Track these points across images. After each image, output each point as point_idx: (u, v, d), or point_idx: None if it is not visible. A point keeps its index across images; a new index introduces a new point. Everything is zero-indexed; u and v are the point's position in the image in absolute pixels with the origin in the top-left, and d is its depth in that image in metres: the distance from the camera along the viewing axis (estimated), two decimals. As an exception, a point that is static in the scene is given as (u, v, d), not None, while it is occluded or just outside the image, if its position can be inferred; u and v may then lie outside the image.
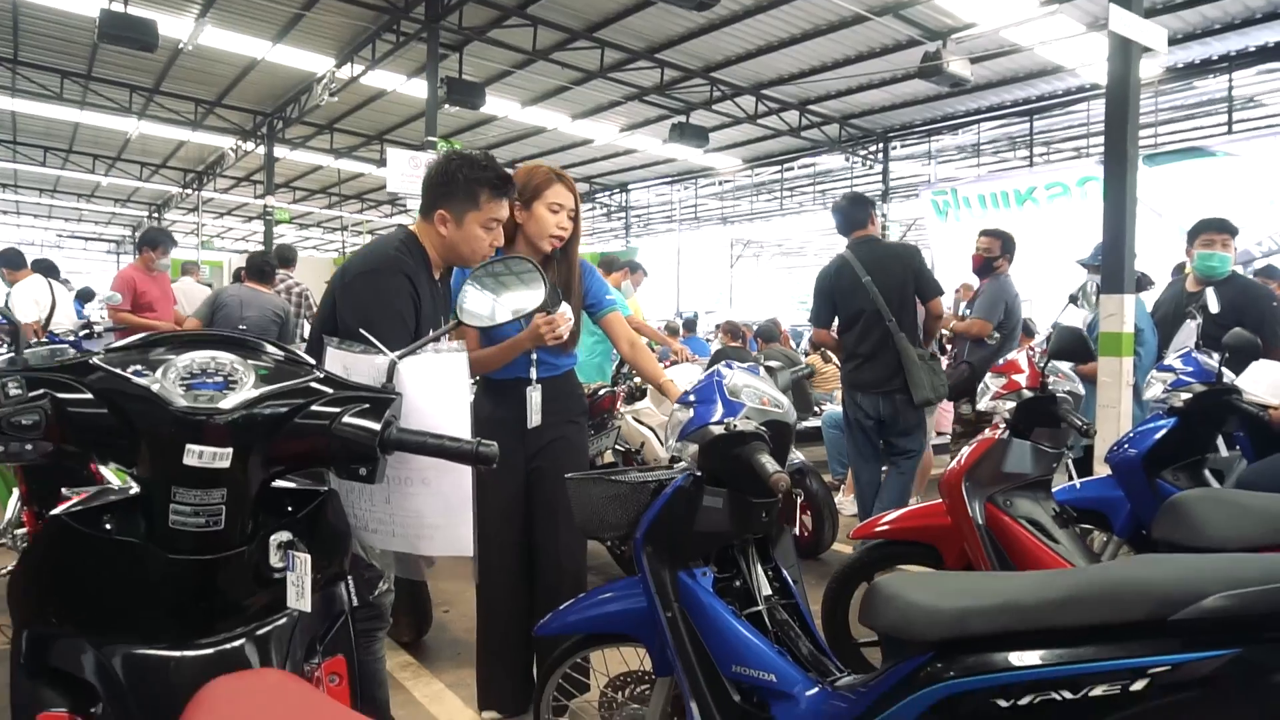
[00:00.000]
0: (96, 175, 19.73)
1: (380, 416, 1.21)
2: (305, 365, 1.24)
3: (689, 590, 1.82)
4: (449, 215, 2.11)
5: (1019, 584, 1.30)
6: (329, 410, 1.19)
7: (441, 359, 1.32)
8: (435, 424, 1.30)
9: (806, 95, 12.76)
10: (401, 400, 1.29)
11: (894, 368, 4.02)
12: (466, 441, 1.23)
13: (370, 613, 2.17)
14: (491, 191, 2.11)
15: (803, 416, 7.71)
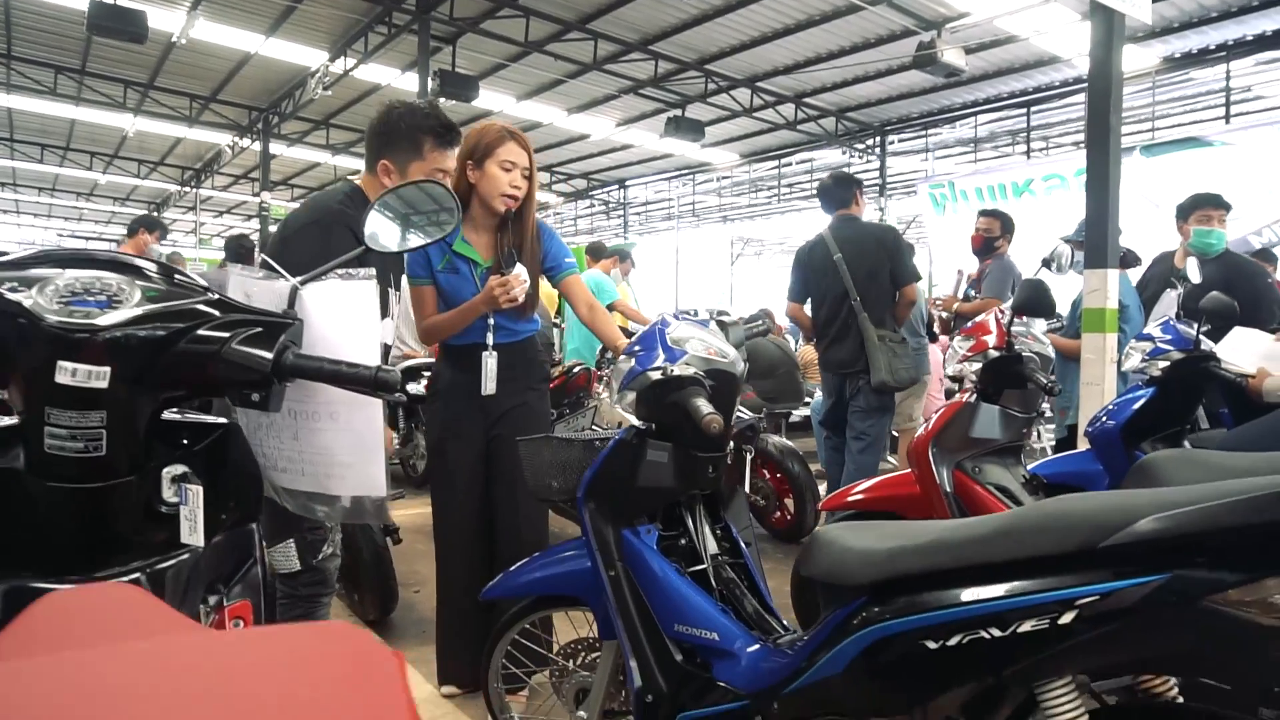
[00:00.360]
0: (94, 173, 19.71)
1: (274, 341, 1.15)
2: (198, 288, 1.18)
3: (632, 548, 1.76)
4: (392, 165, 2.06)
5: (953, 525, 1.23)
6: (219, 335, 1.14)
7: (348, 285, 1.26)
8: (341, 354, 1.23)
9: (802, 88, 12.69)
10: (302, 327, 1.23)
11: (858, 349, 3.99)
12: (365, 367, 1.17)
13: (314, 577, 2.12)
14: (435, 140, 2.06)
15: (793, 406, 7.67)
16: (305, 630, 0.63)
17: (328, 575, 2.17)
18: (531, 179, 2.47)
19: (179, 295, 1.16)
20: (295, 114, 14.29)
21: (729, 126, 14.64)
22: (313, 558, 2.09)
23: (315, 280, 1.25)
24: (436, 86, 10.86)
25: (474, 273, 2.47)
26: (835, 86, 12.46)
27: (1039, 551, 1.08)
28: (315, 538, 2.09)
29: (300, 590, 2.11)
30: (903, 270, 4.10)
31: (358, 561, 3.10)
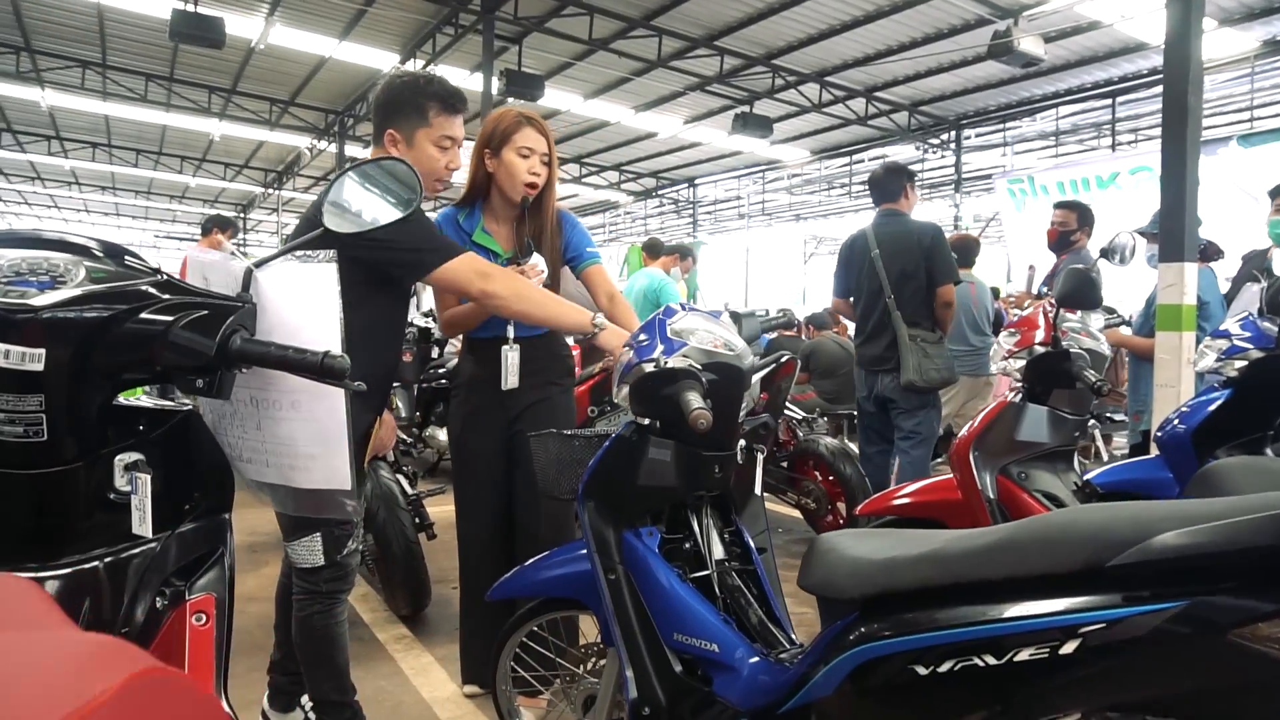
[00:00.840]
0: (185, 176, 20.58)
1: (220, 325, 1.10)
2: (146, 270, 1.14)
3: (633, 551, 1.67)
4: (398, 135, 2.02)
5: (955, 536, 1.10)
6: (163, 318, 1.09)
7: (306, 268, 1.21)
8: (300, 339, 1.18)
9: (873, 81, 12.36)
10: (254, 310, 1.18)
11: (891, 347, 3.92)
12: (312, 353, 1.10)
13: (336, 573, 2.07)
14: (440, 106, 2.01)
15: (850, 407, 7.45)
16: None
17: (349, 571, 2.12)
18: (551, 165, 2.39)
19: (125, 277, 1.12)
20: (369, 116, 14.58)
21: (798, 123, 14.39)
22: (337, 553, 2.05)
23: (271, 262, 1.20)
24: (503, 86, 10.94)
25: (495, 263, 2.41)
26: (908, 79, 12.10)
27: (1040, 569, 0.95)
28: (341, 533, 2.05)
29: (321, 586, 2.07)
30: (938, 269, 3.95)
31: (388, 556, 3.08)
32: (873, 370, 4.05)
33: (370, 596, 3.50)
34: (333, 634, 2.10)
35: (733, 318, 1.88)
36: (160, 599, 1.20)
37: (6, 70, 12.97)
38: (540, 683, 2.08)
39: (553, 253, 2.42)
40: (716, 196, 22.07)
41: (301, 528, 2.02)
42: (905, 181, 4.12)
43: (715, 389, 1.56)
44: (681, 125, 15.12)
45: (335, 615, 2.11)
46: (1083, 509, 1.00)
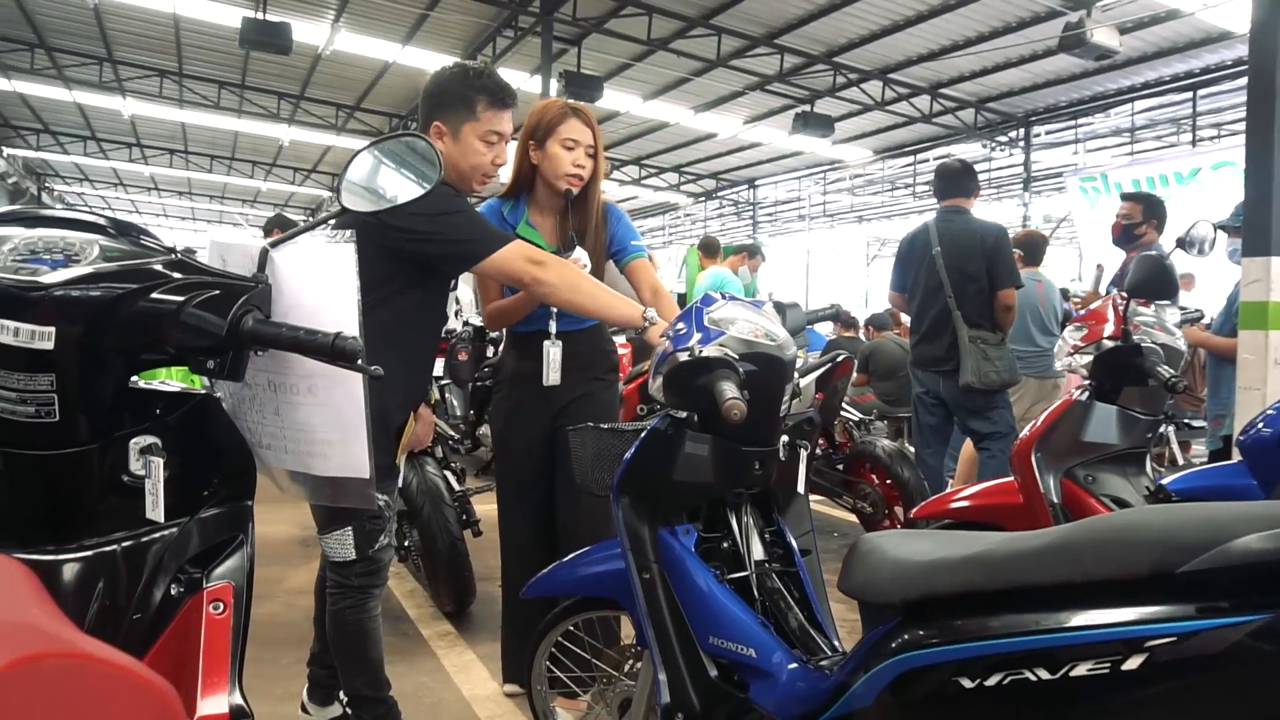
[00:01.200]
0: (257, 181, 21.19)
1: (232, 305, 1.08)
2: (160, 250, 1.11)
3: (669, 550, 1.60)
4: (445, 128, 1.99)
5: (1006, 538, 1.01)
6: (174, 298, 1.06)
7: (322, 248, 1.17)
8: (316, 320, 1.14)
9: (938, 78, 12.06)
10: (268, 291, 1.15)
11: (950, 347, 3.82)
12: (323, 334, 1.07)
13: (368, 567, 2.05)
14: (489, 100, 1.97)
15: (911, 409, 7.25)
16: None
17: (382, 566, 2.10)
18: (597, 158, 2.34)
19: (139, 256, 1.10)
20: (432, 120, 14.81)
21: (860, 121, 14.14)
22: (369, 548, 2.03)
23: (288, 242, 1.17)
24: (562, 88, 10.98)
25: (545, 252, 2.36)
26: (974, 75, 11.77)
27: (1099, 574, 0.85)
28: (373, 527, 2.03)
29: (353, 580, 2.05)
30: (1000, 272, 3.84)
31: (433, 553, 3.07)
32: (932, 370, 3.97)
33: (417, 592, 3.49)
34: (365, 629, 2.08)
35: (776, 308, 1.81)
36: (176, 586, 1.18)
37: (91, 80, 13.53)
38: (576, 684, 2.03)
39: (597, 246, 2.37)
40: (777, 198, 21.83)
41: (334, 520, 2.00)
42: (971, 181, 4.06)
43: (754, 380, 1.49)
44: (741, 125, 14.99)
45: (367, 610, 2.08)
46: (1149, 509, 0.90)
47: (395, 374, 2.01)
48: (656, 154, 17.96)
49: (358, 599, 2.07)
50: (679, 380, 1.45)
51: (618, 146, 17.28)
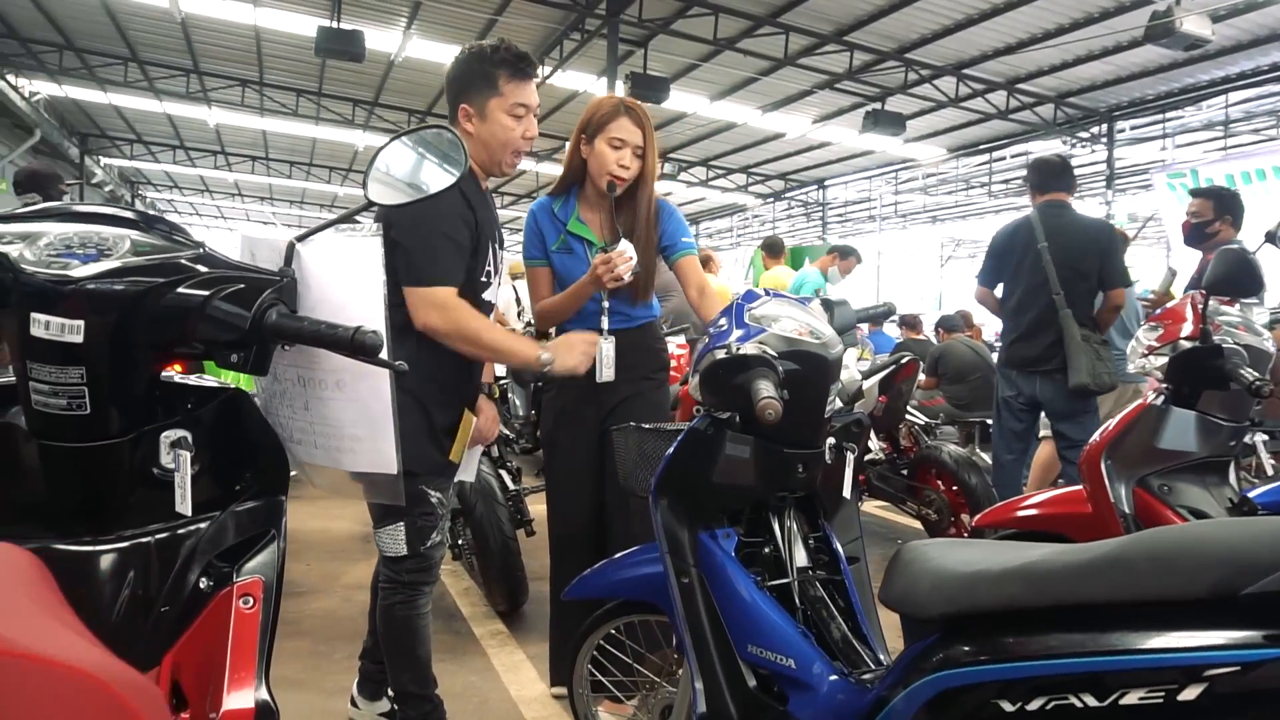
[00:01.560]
0: (334, 186, 21.79)
1: (255, 299, 1.08)
2: (189, 244, 1.12)
3: (708, 554, 1.55)
4: (471, 109, 1.98)
5: (1055, 551, 0.93)
6: (201, 292, 1.07)
7: (347, 241, 1.16)
8: (343, 315, 1.13)
9: (1015, 73, 11.67)
10: (294, 285, 1.15)
11: (1053, 347, 3.65)
12: (344, 328, 1.06)
13: (419, 564, 2.06)
14: (510, 72, 1.95)
15: (988, 415, 7.00)
16: None
17: (433, 563, 2.11)
18: (646, 157, 2.30)
19: (168, 250, 1.11)
20: (500, 124, 14.99)
21: (933, 119, 13.79)
22: (420, 544, 2.04)
23: (314, 236, 1.16)
24: (628, 90, 10.99)
25: (589, 253, 2.34)
26: (1054, 69, 11.35)
27: (1156, 593, 0.78)
28: (425, 523, 2.04)
29: (404, 576, 2.07)
30: (1113, 271, 3.70)
31: (485, 551, 3.08)
32: (1028, 371, 3.77)
33: (472, 591, 3.51)
34: (414, 625, 2.08)
35: (824, 305, 1.74)
36: (206, 579, 1.18)
37: (178, 91, 14.10)
38: (619, 689, 1.99)
39: (648, 243, 2.33)
40: (847, 198, 21.47)
41: (387, 516, 2.02)
42: (1071, 178, 3.91)
43: (796, 379, 1.43)
44: (810, 125, 14.77)
45: (417, 607, 2.09)
46: (1215, 522, 0.82)
47: (435, 369, 2.02)
48: (724, 155, 17.84)
49: (408, 595, 2.08)
50: (715, 378, 1.40)
51: (685, 148, 17.23)
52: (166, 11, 10.88)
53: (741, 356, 1.36)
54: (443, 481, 2.09)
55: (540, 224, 2.41)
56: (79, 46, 13.03)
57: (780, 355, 1.43)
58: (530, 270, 2.45)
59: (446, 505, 2.13)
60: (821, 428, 1.54)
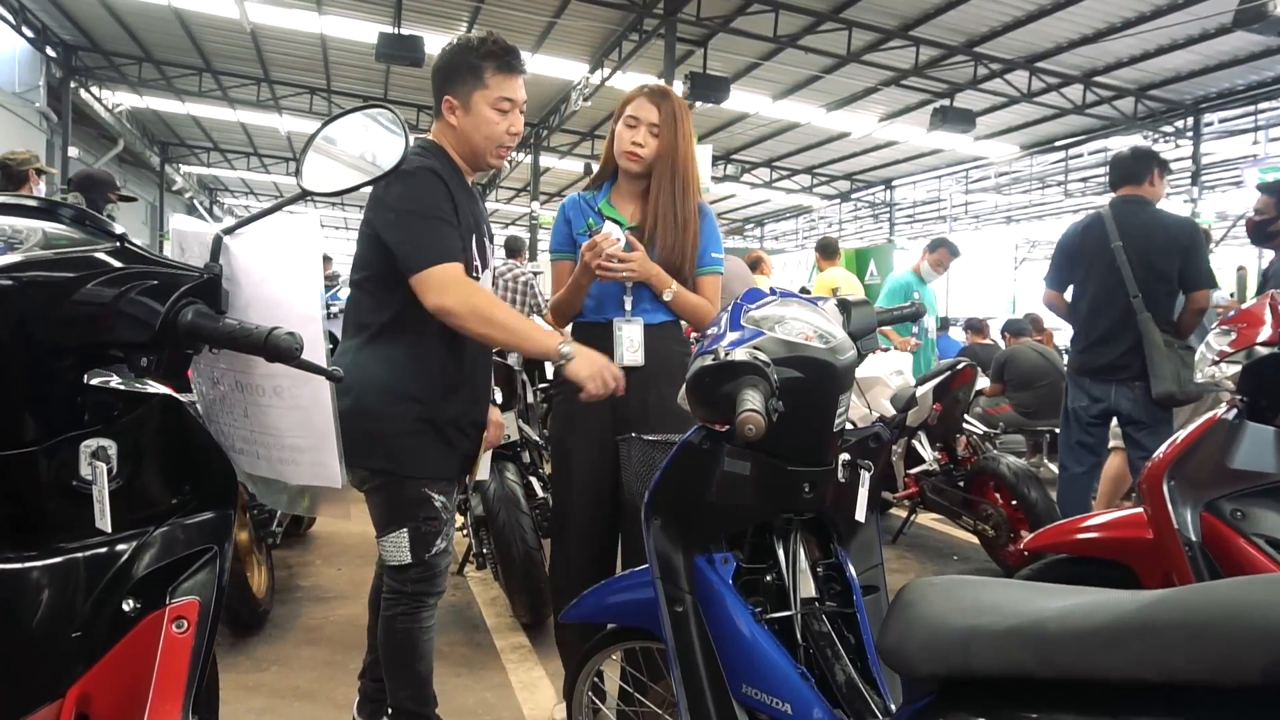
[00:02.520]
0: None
1: (166, 296, 0.97)
2: (107, 236, 1.02)
3: (704, 580, 1.41)
4: (455, 100, 1.89)
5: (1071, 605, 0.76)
6: (112, 289, 0.97)
7: (279, 230, 1.05)
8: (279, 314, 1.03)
9: (1092, 65, 11.14)
10: (217, 282, 1.04)
11: (1131, 353, 3.39)
12: (259, 329, 0.94)
13: (423, 573, 1.96)
14: (496, 65, 1.86)
15: (1056, 423, 6.64)
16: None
17: (438, 573, 2.00)
18: (662, 136, 2.16)
19: (84, 244, 1.02)
20: (561, 127, 15.04)
21: (1005, 115, 13.30)
22: (425, 551, 1.95)
23: (243, 228, 1.06)
24: (687, 90, 10.85)
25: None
26: (1134, 60, 10.80)
27: (1188, 674, 0.60)
28: (429, 529, 1.94)
29: (408, 586, 1.97)
30: (1196, 271, 3.41)
31: (507, 561, 2.97)
32: (1103, 380, 3.51)
33: (500, 600, 3.41)
34: (415, 639, 1.98)
35: (840, 306, 1.57)
36: (133, 601, 1.09)
37: (250, 100, 14.51)
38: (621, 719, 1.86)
39: (676, 228, 2.18)
40: (915, 198, 20.91)
41: (390, 522, 1.94)
42: (1154, 166, 3.58)
43: (797, 388, 1.27)
44: (876, 123, 14.41)
45: (420, 620, 1.99)
46: (1271, 580, 0.64)
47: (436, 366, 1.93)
48: (788, 155, 17.55)
49: (411, 606, 1.98)
50: (701, 387, 1.25)
51: (748, 149, 17.01)
52: (237, 22, 11.18)
53: (729, 363, 1.21)
54: (447, 485, 1.99)
55: (569, 214, 2.31)
56: (157, 59, 13.51)
57: (779, 361, 1.27)
58: (553, 264, 2.35)
59: (451, 510, 2.03)
60: (829, 442, 1.37)
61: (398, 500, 1.91)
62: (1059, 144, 14.78)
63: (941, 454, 4.30)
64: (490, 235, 2.10)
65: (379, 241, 1.86)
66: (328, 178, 1.10)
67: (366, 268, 1.92)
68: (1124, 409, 3.48)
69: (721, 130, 15.52)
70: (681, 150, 2.21)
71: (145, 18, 11.73)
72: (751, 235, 26.70)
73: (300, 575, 3.67)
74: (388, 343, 1.89)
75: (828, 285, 6.20)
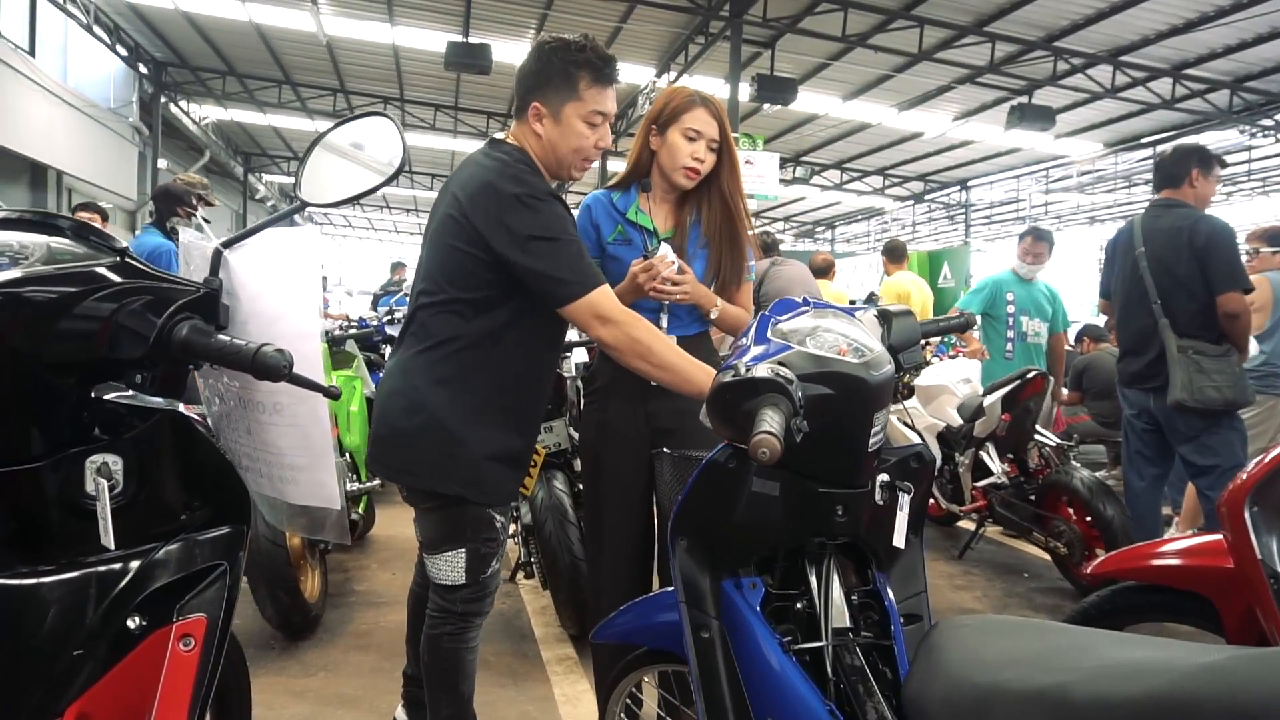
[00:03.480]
0: (473, 197, 22.53)
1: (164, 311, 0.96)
2: (108, 250, 1.02)
3: (731, 605, 1.33)
4: (544, 109, 1.80)
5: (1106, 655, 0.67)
6: (110, 304, 0.96)
7: (279, 240, 1.03)
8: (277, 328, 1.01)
9: (1182, 57, 10.63)
10: (216, 296, 1.03)
11: (1157, 361, 3.34)
12: (247, 346, 0.92)
13: (475, 593, 1.90)
14: (592, 76, 1.76)
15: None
16: None
17: (488, 593, 1.95)
18: (723, 153, 2.09)
19: (85, 259, 1.01)
20: (629, 131, 15.05)
21: (1087, 112, 12.80)
22: (481, 572, 1.88)
23: (244, 241, 1.04)
24: (754, 92, 10.73)
25: (649, 243, 2.15)
26: (1228, 51, 10.26)
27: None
28: (488, 550, 1.87)
29: (457, 606, 1.91)
30: (1215, 271, 3.23)
31: (554, 571, 2.94)
32: (1139, 388, 3.48)
33: (549, 610, 3.37)
34: (460, 659, 1.94)
35: (880, 317, 1.48)
36: (139, 618, 1.08)
37: (327, 110, 14.92)
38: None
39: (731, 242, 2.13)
40: (992, 199, 20.30)
41: (447, 540, 1.85)
42: (1193, 165, 3.43)
43: (827, 406, 1.20)
44: (950, 123, 14.02)
45: (466, 640, 1.94)
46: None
47: (522, 389, 1.88)
48: (859, 156, 17.24)
49: (458, 626, 1.92)
50: (722, 404, 1.18)
51: (817, 150, 16.75)
52: (314, 35, 11.51)
53: (750, 379, 1.14)
54: (507, 509, 1.95)
55: (596, 216, 2.23)
56: (240, 72, 14.03)
57: (807, 377, 1.19)
58: None
59: (507, 529, 1.99)
60: (864, 463, 1.29)
61: (459, 520, 1.83)
62: (1146, 141, 14.14)
63: (1011, 466, 4.12)
64: None
65: (482, 263, 1.75)
66: (326, 188, 1.07)
67: (456, 287, 1.79)
68: (1161, 417, 3.40)
69: (790, 132, 15.33)
70: (737, 169, 2.15)
71: (228, 33, 12.18)
72: (823, 238, 26.31)
73: (356, 579, 3.71)
74: (470, 365, 1.79)
75: (894, 290, 6.03)
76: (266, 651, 2.87)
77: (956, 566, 4.24)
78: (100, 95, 13.30)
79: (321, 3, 10.63)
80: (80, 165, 12.39)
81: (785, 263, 6.08)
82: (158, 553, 1.09)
